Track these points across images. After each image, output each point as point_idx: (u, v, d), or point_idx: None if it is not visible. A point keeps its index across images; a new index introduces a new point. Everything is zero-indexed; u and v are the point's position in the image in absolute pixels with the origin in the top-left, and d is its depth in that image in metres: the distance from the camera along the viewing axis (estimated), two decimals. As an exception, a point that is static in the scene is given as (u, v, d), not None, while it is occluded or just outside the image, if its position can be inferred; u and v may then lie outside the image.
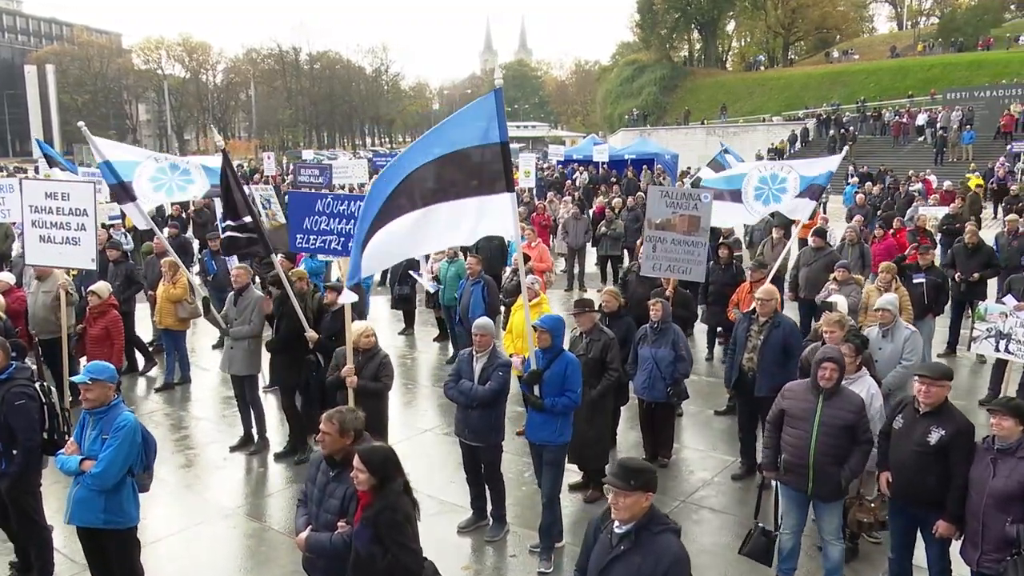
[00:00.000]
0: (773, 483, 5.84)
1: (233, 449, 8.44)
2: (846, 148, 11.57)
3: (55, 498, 6.35)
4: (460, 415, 6.34)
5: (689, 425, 9.05)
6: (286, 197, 22.48)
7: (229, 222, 7.24)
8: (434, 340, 12.70)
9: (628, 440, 8.50)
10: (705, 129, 52.72)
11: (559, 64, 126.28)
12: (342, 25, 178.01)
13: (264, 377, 8.84)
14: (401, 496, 3.90)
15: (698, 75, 72.10)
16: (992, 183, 25.61)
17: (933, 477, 4.89)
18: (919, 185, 24.74)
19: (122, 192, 8.69)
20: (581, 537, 6.42)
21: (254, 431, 8.51)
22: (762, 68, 73.59)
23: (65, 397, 7.39)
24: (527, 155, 33.20)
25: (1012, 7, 71.24)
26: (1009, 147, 31.61)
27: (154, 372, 11.13)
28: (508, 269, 12.70)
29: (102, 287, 8.87)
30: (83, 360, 10.01)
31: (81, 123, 9.03)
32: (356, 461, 3.84)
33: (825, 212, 17.50)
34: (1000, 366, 9.35)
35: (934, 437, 4.87)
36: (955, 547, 5.01)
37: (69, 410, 6.12)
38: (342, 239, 6.11)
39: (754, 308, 7.54)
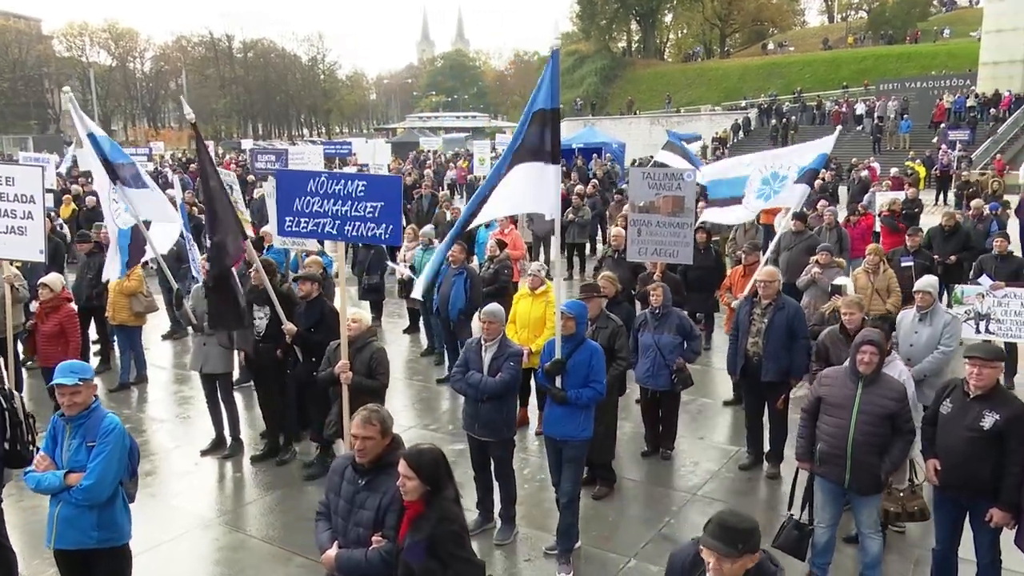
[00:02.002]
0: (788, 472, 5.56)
1: (204, 453, 7.78)
2: (838, 129, 11.35)
3: (9, 513, 5.68)
4: (469, 409, 5.88)
5: (682, 414, 8.72)
6: (253, 187, 21.80)
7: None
8: (404, 332, 12.17)
9: (624, 432, 8.14)
10: (649, 119, 52.91)
11: (498, 54, 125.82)
12: (276, 12, 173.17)
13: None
14: (455, 505, 3.44)
15: (638, 66, 72.50)
16: (936, 170, 26.18)
17: (986, 463, 4.64)
18: (865, 172, 25.17)
19: (112, 171, 7.97)
20: (594, 537, 6.14)
21: (226, 433, 7.88)
22: (700, 59, 74.45)
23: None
24: (480, 143, 32.94)
25: (935, 2, 73.85)
26: (945, 132, 32.40)
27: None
28: (475, 259, 12.23)
29: (54, 279, 8.05)
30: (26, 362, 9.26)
31: (66, 88, 8.23)
32: (403, 467, 3.35)
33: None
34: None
35: (988, 421, 4.63)
36: (1005, 536, 4.81)
37: (35, 416, 5.42)
38: (337, 222, 5.52)
39: (755, 291, 7.31)
